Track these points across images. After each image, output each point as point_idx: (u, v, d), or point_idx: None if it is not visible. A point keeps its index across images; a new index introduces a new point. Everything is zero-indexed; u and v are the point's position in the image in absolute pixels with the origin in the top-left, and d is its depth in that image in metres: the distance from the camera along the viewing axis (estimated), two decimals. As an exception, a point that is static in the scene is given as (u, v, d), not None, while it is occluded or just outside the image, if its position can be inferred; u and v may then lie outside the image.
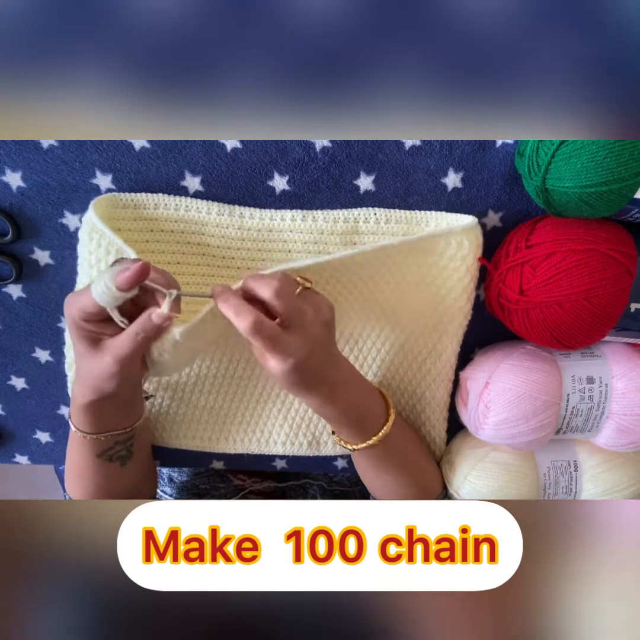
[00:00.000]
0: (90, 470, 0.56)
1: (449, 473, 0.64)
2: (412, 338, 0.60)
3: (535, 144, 0.49)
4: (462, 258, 0.55)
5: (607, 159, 0.45)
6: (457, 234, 0.54)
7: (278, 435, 0.65)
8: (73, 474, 0.58)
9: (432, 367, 0.62)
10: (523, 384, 0.57)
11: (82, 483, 0.58)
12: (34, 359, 0.64)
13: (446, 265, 0.56)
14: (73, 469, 0.58)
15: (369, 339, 0.61)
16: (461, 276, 0.56)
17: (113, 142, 0.53)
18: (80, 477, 0.57)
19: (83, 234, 0.54)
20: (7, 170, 0.54)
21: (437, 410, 0.64)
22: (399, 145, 0.54)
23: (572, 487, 0.63)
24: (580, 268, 0.50)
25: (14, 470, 1.54)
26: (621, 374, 0.58)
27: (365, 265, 0.55)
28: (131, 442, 0.55)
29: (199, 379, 0.61)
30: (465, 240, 0.54)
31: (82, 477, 0.57)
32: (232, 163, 0.54)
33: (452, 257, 0.55)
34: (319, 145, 0.54)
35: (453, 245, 0.55)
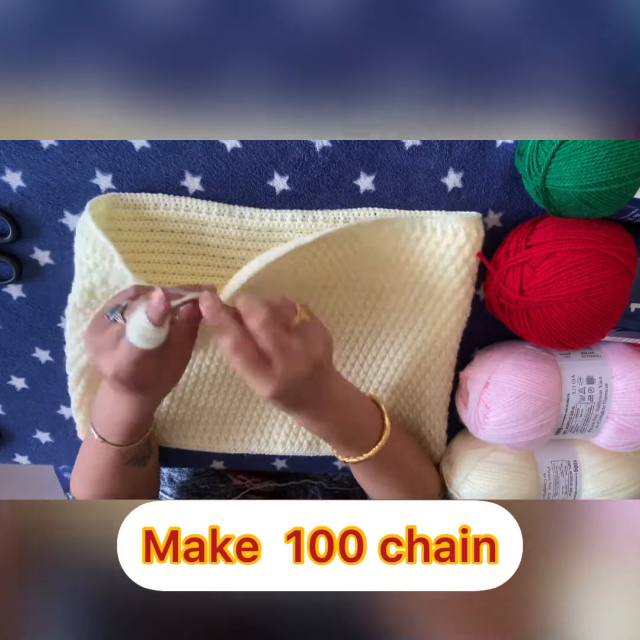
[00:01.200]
0: (115, 477, 0.55)
1: (449, 473, 0.64)
2: (410, 335, 0.60)
3: (535, 144, 0.49)
4: (458, 248, 0.55)
5: (607, 159, 0.45)
6: (453, 221, 0.54)
7: (278, 435, 0.65)
8: (87, 479, 0.58)
9: (431, 365, 0.62)
10: (523, 384, 0.57)
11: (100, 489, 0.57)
12: (34, 359, 0.64)
13: (443, 254, 0.55)
14: (89, 474, 0.57)
15: (369, 337, 0.61)
16: (459, 267, 0.55)
17: (113, 142, 0.53)
18: (98, 483, 0.57)
19: (79, 235, 0.54)
20: (7, 170, 0.54)
21: (437, 409, 0.64)
22: (399, 145, 0.54)
23: (572, 487, 0.63)
24: (580, 268, 0.50)
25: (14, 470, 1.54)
26: (621, 374, 0.58)
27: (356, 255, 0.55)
28: (149, 438, 0.56)
29: (199, 379, 0.61)
30: (462, 230, 0.54)
31: (101, 483, 0.57)
32: (232, 163, 0.54)
33: (448, 245, 0.55)
34: (319, 145, 0.54)
35: (449, 233, 0.54)
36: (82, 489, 0.59)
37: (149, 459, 0.56)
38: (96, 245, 0.52)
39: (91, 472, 0.57)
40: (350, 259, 0.56)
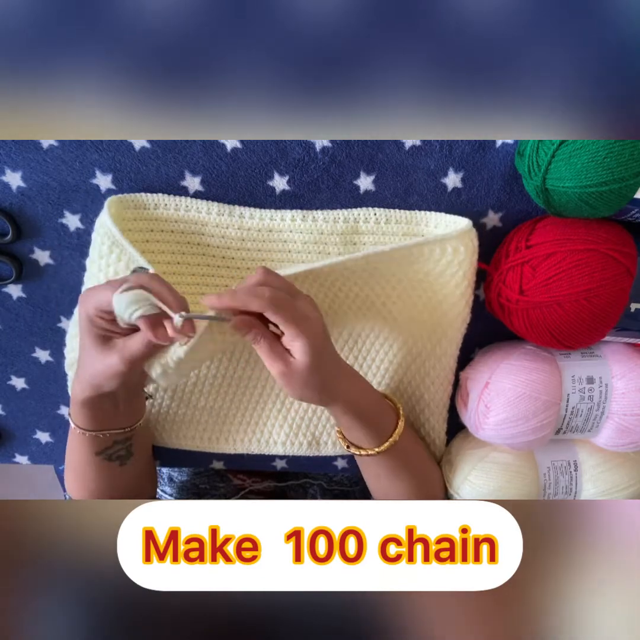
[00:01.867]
0: (89, 468, 0.56)
1: (449, 473, 0.64)
2: (410, 340, 0.60)
3: (535, 144, 0.49)
4: (459, 264, 0.55)
5: (607, 159, 0.45)
6: (452, 240, 0.54)
7: (278, 435, 0.65)
8: (73, 472, 0.58)
9: (431, 370, 0.62)
10: (523, 384, 0.57)
11: (82, 482, 0.58)
12: (34, 359, 0.64)
13: (443, 272, 0.56)
14: (73, 467, 0.58)
15: (368, 339, 0.61)
16: (459, 282, 0.56)
17: (113, 142, 0.53)
18: (81, 476, 0.57)
19: (96, 235, 0.54)
20: (7, 170, 0.54)
21: (436, 412, 0.64)
22: (399, 145, 0.54)
23: (572, 487, 0.63)
24: (580, 268, 0.50)
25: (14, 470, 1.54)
26: (621, 374, 0.58)
27: (359, 271, 0.55)
28: (130, 442, 0.55)
29: (199, 380, 0.61)
30: (461, 246, 0.54)
31: (83, 476, 0.57)
32: (232, 163, 0.54)
33: (449, 263, 0.55)
34: (319, 145, 0.54)
35: (449, 252, 0.54)
36: (69, 482, 0.60)
37: (127, 460, 0.56)
38: (113, 247, 0.52)
39: (74, 467, 0.58)
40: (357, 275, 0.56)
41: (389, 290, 0.58)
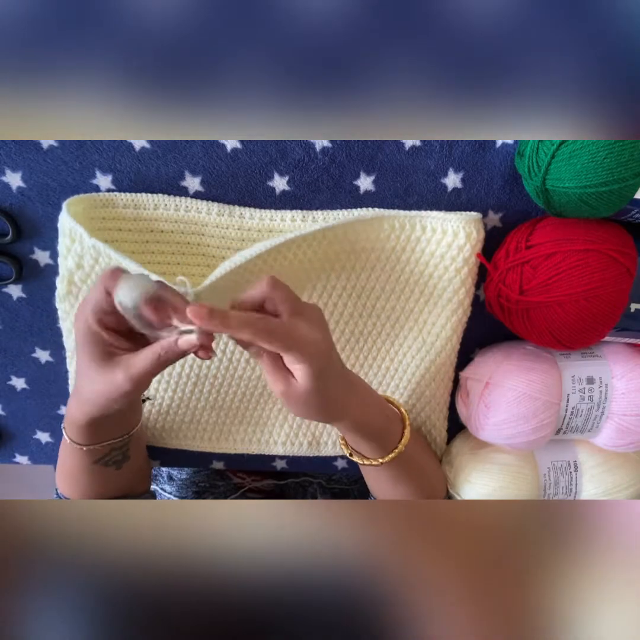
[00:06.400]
0: (85, 475, 0.55)
1: (450, 474, 0.64)
2: (411, 335, 0.60)
3: (535, 144, 0.49)
4: (458, 247, 0.55)
5: (607, 159, 0.45)
6: (453, 221, 0.54)
7: (278, 435, 0.65)
8: (67, 477, 0.58)
9: (431, 365, 0.62)
10: (523, 384, 0.57)
11: (76, 487, 0.57)
12: (34, 359, 0.64)
13: (443, 254, 0.56)
14: (67, 474, 0.57)
15: (370, 337, 0.61)
16: (459, 267, 0.56)
17: (113, 142, 0.53)
18: (75, 481, 0.57)
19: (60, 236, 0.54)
20: (7, 170, 0.54)
21: (437, 409, 0.64)
22: (399, 145, 0.54)
23: (572, 488, 0.63)
24: (580, 268, 0.50)
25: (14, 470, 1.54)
26: (621, 374, 0.58)
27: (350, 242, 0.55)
28: (127, 447, 0.55)
29: (199, 379, 0.61)
30: (462, 230, 0.54)
31: (77, 481, 0.57)
32: (232, 163, 0.54)
33: (449, 245, 0.55)
34: (319, 146, 0.54)
35: (449, 233, 0.55)
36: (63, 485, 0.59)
37: (123, 464, 0.56)
38: (64, 230, 0.52)
39: (69, 472, 0.57)
40: (348, 257, 0.56)
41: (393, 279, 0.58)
